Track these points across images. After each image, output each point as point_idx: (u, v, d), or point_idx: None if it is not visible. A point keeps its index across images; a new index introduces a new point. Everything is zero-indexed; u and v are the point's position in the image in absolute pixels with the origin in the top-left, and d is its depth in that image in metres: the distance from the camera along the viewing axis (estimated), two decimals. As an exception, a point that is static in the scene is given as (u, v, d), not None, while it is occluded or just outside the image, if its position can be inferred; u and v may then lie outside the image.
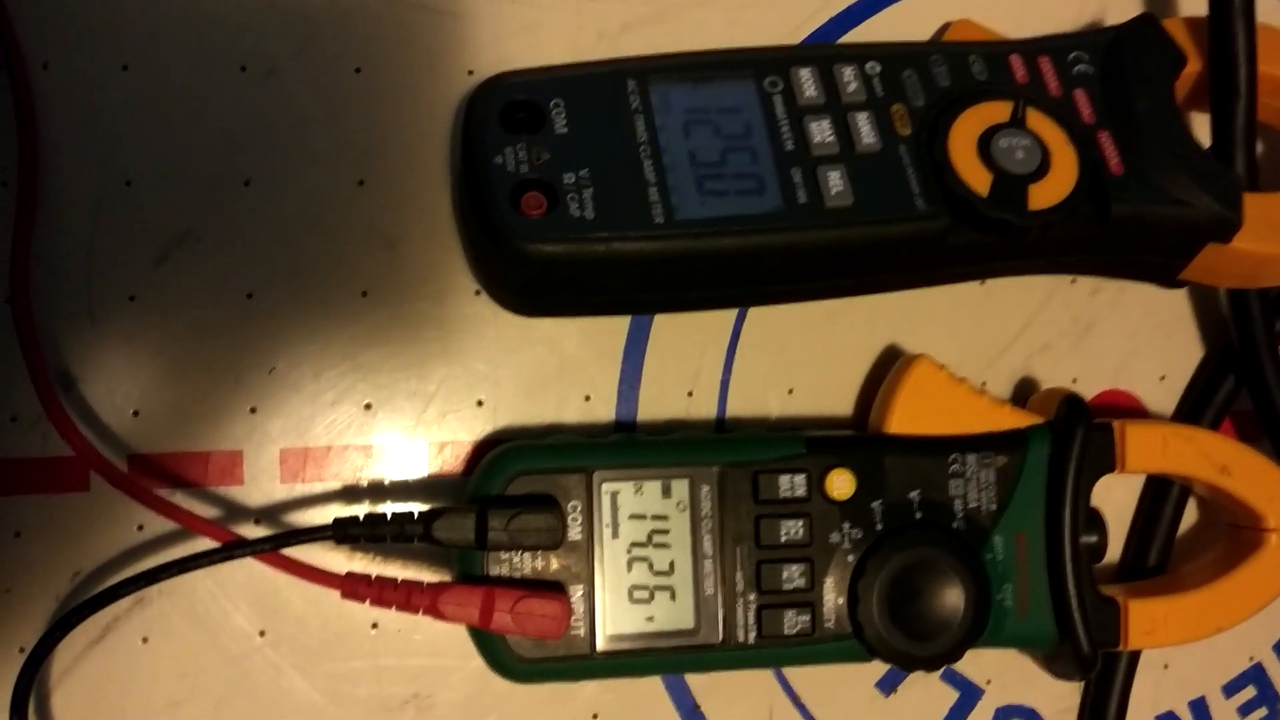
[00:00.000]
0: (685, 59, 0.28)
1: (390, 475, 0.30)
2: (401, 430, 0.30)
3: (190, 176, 0.29)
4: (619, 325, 0.31)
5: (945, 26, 0.32)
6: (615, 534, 0.28)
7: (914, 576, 0.29)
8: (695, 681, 0.32)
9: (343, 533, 0.27)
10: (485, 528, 0.27)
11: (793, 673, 0.32)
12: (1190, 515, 0.34)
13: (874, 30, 0.32)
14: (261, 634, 0.29)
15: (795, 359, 0.32)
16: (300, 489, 0.30)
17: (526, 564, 0.28)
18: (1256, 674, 0.34)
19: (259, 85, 0.29)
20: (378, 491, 0.30)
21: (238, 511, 0.29)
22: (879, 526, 0.29)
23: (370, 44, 0.30)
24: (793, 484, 0.29)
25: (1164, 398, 0.34)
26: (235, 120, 0.29)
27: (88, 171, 0.29)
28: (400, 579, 0.27)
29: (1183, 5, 0.33)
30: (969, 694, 0.33)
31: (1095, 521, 0.30)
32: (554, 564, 0.28)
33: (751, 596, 0.28)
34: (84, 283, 0.29)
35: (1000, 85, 0.29)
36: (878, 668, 0.32)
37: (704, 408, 0.31)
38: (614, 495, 0.28)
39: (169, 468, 0.29)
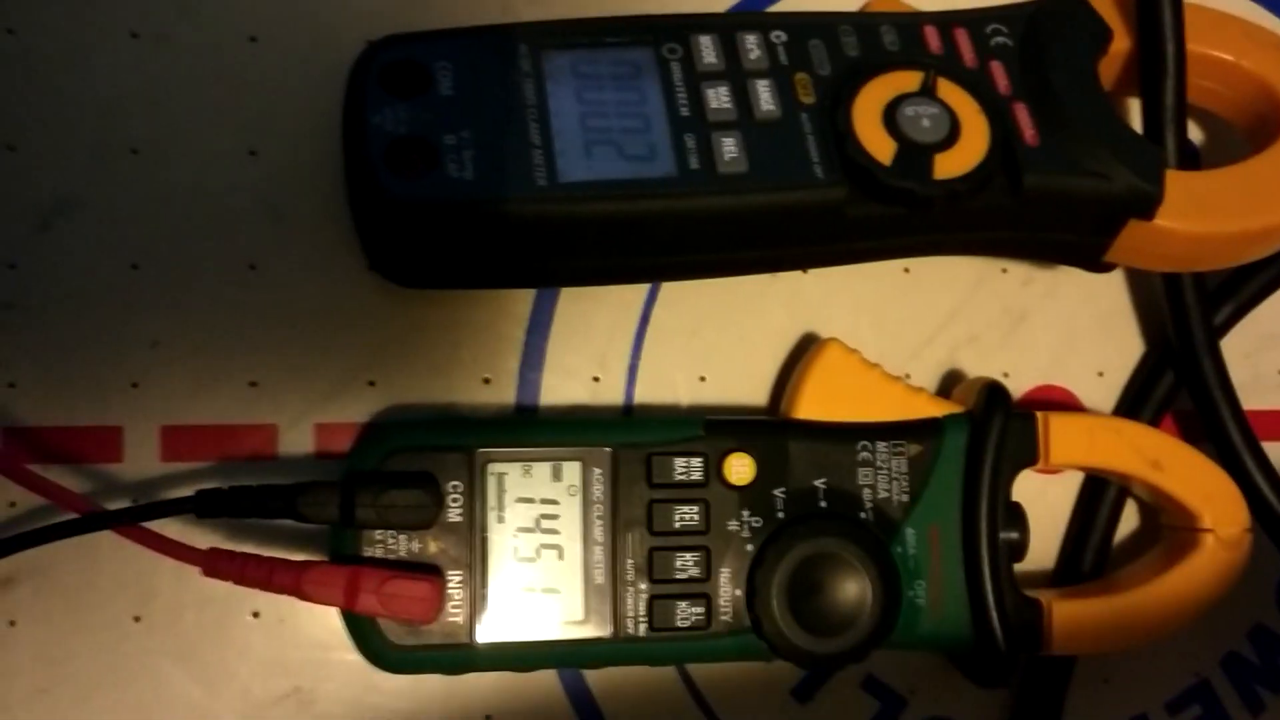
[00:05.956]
0: (581, 24, 0.27)
1: (275, 455, 0.29)
2: (288, 409, 0.29)
3: (76, 143, 0.28)
4: (522, 305, 0.30)
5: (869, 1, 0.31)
6: (501, 518, 0.27)
7: (816, 569, 0.27)
8: (597, 685, 0.30)
9: (205, 506, 0.25)
10: (352, 504, 0.25)
11: (701, 678, 0.30)
12: (1136, 521, 0.32)
13: (801, 2, 0.31)
14: (136, 619, 0.28)
15: (708, 345, 0.31)
16: (181, 467, 0.28)
17: (402, 545, 0.26)
18: (1203, 691, 0.32)
19: (150, 51, 0.29)
20: (260, 471, 0.28)
21: (115, 488, 0.28)
22: (780, 515, 0.27)
23: (266, 13, 0.29)
24: (689, 467, 0.27)
25: (1102, 394, 0.32)
26: (125, 87, 0.29)
27: (-31, 135, 0.28)
28: (266, 556, 0.26)
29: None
30: (891, 704, 0.31)
31: (1016, 516, 0.28)
32: (432, 546, 0.26)
33: (643, 586, 0.27)
34: (-37, 249, 0.28)
35: (912, 56, 0.28)
36: (793, 673, 0.30)
37: (610, 393, 0.30)
38: (500, 477, 0.27)
39: (45, 442, 0.28)
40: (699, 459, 0.27)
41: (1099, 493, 0.31)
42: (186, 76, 0.29)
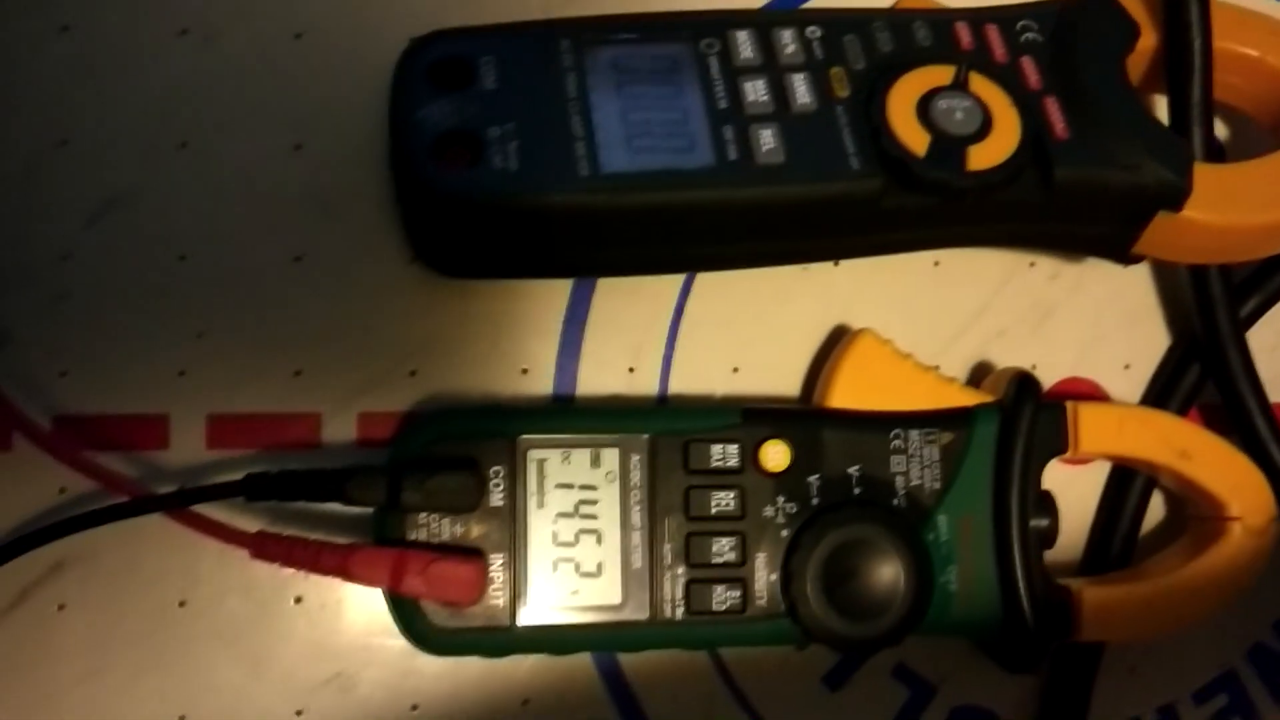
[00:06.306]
0: (621, 20, 0.28)
1: (318, 443, 0.29)
2: (331, 398, 0.29)
3: (127, 138, 0.29)
4: (559, 297, 0.30)
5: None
6: (541, 503, 0.27)
7: (851, 554, 0.27)
8: (632, 671, 0.30)
9: (254, 489, 0.26)
10: (399, 487, 0.26)
11: (735, 665, 0.31)
12: (1162, 513, 0.33)
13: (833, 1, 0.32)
14: (181, 604, 0.29)
15: (742, 337, 0.31)
16: (226, 454, 0.29)
17: (445, 529, 0.27)
18: (1229, 681, 0.32)
19: (199, 49, 0.29)
20: (304, 459, 0.29)
21: (163, 475, 0.29)
22: (815, 501, 0.28)
23: (312, 10, 0.30)
24: (725, 454, 0.28)
25: (1129, 387, 0.32)
26: (174, 83, 0.29)
27: (24, 130, 0.29)
28: (312, 539, 0.26)
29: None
30: (921, 692, 0.31)
31: (1046, 504, 0.29)
32: (474, 530, 0.27)
33: (680, 570, 0.27)
34: (17, 241, 0.29)
35: (944, 51, 0.28)
36: (824, 661, 0.31)
37: (646, 383, 0.31)
38: (541, 463, 0.27)
39: (95, 429, 0.29)
40: (735, 446, 0.28)
41: (1126, 482, 0.31)
42: (234, 73, 0.29)
